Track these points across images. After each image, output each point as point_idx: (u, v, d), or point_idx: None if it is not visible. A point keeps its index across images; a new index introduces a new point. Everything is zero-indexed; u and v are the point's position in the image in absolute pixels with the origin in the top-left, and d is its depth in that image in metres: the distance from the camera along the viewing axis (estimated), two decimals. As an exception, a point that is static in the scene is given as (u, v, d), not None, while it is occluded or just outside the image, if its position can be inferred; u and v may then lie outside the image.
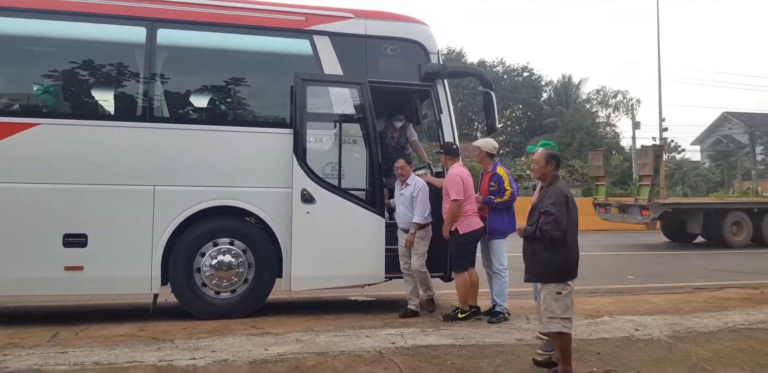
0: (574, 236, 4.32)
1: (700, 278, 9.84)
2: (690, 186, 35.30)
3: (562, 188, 4.37)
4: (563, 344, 4.30)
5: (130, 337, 5.33)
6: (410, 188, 6.29)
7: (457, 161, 6.36)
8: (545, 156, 4.51)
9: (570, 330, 4.30)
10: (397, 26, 6.93)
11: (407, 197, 6.28)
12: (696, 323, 6.01)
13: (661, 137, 29.81)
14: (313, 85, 6.47)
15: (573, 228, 4.30)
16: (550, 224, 4.20)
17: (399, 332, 5.54)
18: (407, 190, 6.30)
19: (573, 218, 4.30)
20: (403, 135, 7.56)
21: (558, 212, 4.21)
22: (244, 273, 6.25)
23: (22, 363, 4.45)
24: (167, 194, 6.06)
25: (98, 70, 6.28)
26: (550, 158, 4.49)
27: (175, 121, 6.38)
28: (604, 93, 45.17)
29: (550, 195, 4.32)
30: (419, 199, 6.20)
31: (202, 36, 6.56)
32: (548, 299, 4.28)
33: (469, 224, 6.05)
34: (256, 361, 4.56)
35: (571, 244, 4.30)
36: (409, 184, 6.32)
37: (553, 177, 4.48)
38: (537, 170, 4.56)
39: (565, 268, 4.28)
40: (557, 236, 4.19)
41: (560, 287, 4.24)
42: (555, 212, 4.21)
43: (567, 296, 4.26)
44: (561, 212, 4.22)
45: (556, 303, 4.25)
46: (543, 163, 4.49)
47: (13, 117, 5.95)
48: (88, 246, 5.85)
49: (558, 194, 4.30)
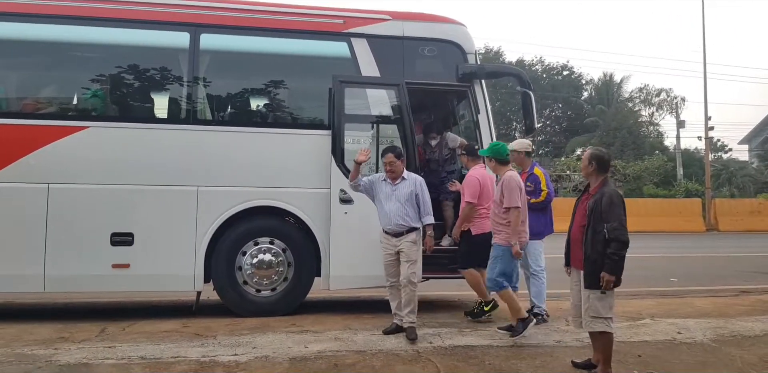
0: None
1: (747, 281, 9.58)
2: (737, 187, 34.26)
3: (615, 189, 4.39)
4: (606, 343, 4.30)
5: (174, 333, 5.49)
6: (408, 183, 5.52)
7: (479, 163, 6.25)
8: (587, 156, 4.53)
9: (612, 330, 4.28)
10: (434, 27, 6.95)
11: (404, 194, 5.47)
12: (741, 327, 5.87)
13: (707, 137, 28.98)
14: (351, 87, 6.55)
15: None
16: (618, 229, 4.19)
17: (436, 331, 5.56)
18: (404, 186, 5.51)
19: None
20: (444, 147, 7.32)
21: (618, 214, 4.22)
22: (283, 272, 6.36)
23: (72, 357, 4.64)
24: (210, 195, 6.22)
25: (144, 75, 6.47)
26: (591, 158, 4.48)
27: (217, 123, 6.55)
28: (647, 91, 44.16)
29: (609, 196, 4.28)
30: (423, 195, 5.56)
31: (243, 40, 6.71)
32: (592, 298, 4.27)
33: (483, 226, 5.96)
34: (296, 358, 4.65)
35: None
36: (406, 178, 5.54)
37: (601, 178, 4.46)
38: (582, 170, 4.63)
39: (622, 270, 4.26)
40: (624, 239, 4.19)
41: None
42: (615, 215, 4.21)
43: (610, 295, 4.27)
44: (620, 214, 4.23)
45: (601, 303, 4.25)
46: (585, 163, 4.52)
47: (64, 120, 6.19)
48: (134, 245, 6.04)
49: (613, 195, 4.29)
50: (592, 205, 4.34)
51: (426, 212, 5.53)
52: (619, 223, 4.20)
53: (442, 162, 7.31)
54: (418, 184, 5.54)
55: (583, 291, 4.37)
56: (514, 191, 5.35)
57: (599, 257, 4.22)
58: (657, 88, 43.79)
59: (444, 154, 7.29)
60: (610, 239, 4.19)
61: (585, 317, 4.33)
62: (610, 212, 4.22)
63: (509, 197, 5.33)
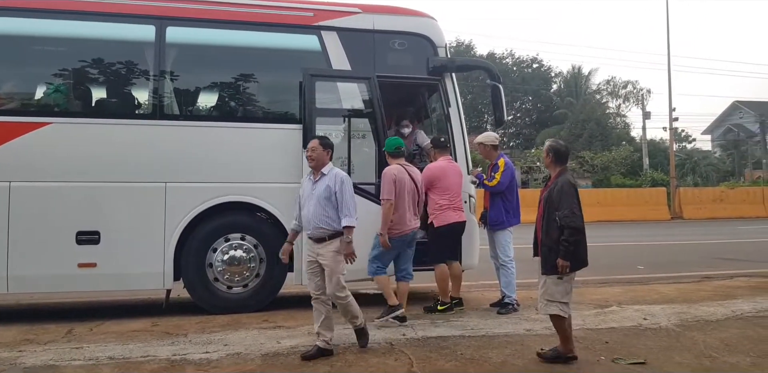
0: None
1: (710, 267, 9.84)
2: (701, 176, 35.09)
3: (569, 178, 4.51)
4: (561, 326, 4.43)
5: (144, 332, 5.43)
6: (326, 178, 4.77)
7: (444, 155, 6.30)
8: (545, 148, 4.71)
9: (566, 314, 4.40)
10: (405, 20, 6.94)
11: (321, 193, 4.71)
12: (704, 312, 6.04)
13: (671, 127, 29.57)
14: (322, 81, 6.52)
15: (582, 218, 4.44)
16: (569, 216, 4.31)
17: (409, 323, 5.60)
18: (321, 183, 4.75)
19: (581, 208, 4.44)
20: (413, 143, 7.34)
21: (570, 202, 4.35)
22: (255, 268, 6.32)
23: (38, 359, 4.55)
24: (178, 191, 6.14)
25: (108, 69, 6.35)
26: (548, 150, 4.67)
27: (185, 118, 6.45)
28: (614, 83, 44.85)
29: (561, 185, 4.43)
30: (343, 193, 4.73)
31: (210, 33, 6.61)
32: (549, 282, 4.41)
33: (444, 218, 6.04)
34: (269, 354, 4.64)
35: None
36: (325, 174, 4.79)
37: (558, 169, 4.59)
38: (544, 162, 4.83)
39: (582, 258, 4.41)
40: (576, 226, 4.31)
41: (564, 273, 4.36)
42: (567, 203, 4.35)
43: (567, 281, 4.41)
44: (573, 202, 4.36)
45: (557, 287, 4.40)
46: (544, 155, 4.74)
47: (25, 116, 6.03)
48: (101, 243, 5.94)
49: (565, 184, 4.43)
50: (547, 195, 4.52)
51: (345, 212, 4.69)
52: (569, 210, 4.33)
53: (410, 156, 7.27)
54: (338, 179, 4.75)
55: (540, 277, 4.50)
56: (387, 185, 5.68)
57: (554, 245, 4.36)
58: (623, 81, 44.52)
59: (411, 149, 7.29)
60: (562, 226, 4.33)
61: (540, 300, 4.47)
62: (561, 200, 4.38)
63: (382, 189, 5.72)
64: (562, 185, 4.43)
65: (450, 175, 6.17)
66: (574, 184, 4.51)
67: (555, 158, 4.63)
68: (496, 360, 4.46)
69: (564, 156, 4.66)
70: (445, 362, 4.40)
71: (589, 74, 45.40)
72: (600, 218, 19.91)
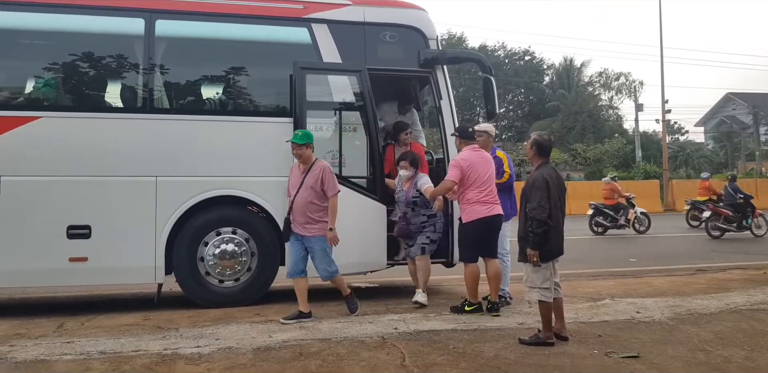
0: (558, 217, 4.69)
1: (703, 260, 9.89)
2: (693, 168, 35.25)
3: (544, 172, 4.72)
4: (543, 311, 4.67)
5: (135, 326, 5.39)
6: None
7: (470, 145, 5.90)
8: (529, 141, 4.91)
9: (548, 299, 4.66)
10: (395, 13, 6.89)
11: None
12: (697, 305, 6.05)
13: (664, 119, 29.63)
14: (312, 74, 6.46)
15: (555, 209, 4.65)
16: (536, 209, 4.57)
17: (401, 317, 5.59)
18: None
19: (554, 200, 4.65)
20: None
21: (539, 196, 4.58)
22: (247, 262, 6.30)
23: (28, 354, 4.51)
24: (169, 185, 6.09)
25: (98, 62, 6.28)
26: (532, 144, 4.87)
27: (176, 111, 6.40)
28: (607, 75, 44.94)
29: (533, 180, 4.68)
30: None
31: (200, 26, 6.54)
32: (528, 270, 4.71)
33: (472, 213, 5.68)
34: (260, 348, 4.62)
35: (555, 224, 4.65)
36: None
37: (539, 162, 4.83)
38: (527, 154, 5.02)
39: (549, 248, 4.64)
40: (541, 218, 4.54)
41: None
42: (537, 197, 4.58)
43: (546, 268, 4.67)
44: (542, 196, 4.57)
45: (535, 274, 4.68)
46: (527, 147, 4.93)
47: (14, 111, 5.97)
48: (92, 237, 5.89)
49: (538, 179, 4.67)
50: (524, 187, 4.78)
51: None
52: (537, 203, 4.58)
53: None
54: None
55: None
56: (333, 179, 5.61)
57: (525, 235, 4.66)
58: (616, 73, 44.62)
59: None
60: (529, 218, 4.62)
61: (524, 287, 4.78)
62: (531, 193, 4.64)
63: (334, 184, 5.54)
64: (534, 179, 4.69)
65: (477, 166, 5.71)
66: (546, 179, 4.66)
67: (537, 152, 4.83)
68: (488, 354, 4.45)
69: (546, 150, 4.86)
70: (437, 356, 4.39)
71: (581, 66, 45.48)
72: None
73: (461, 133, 5.99)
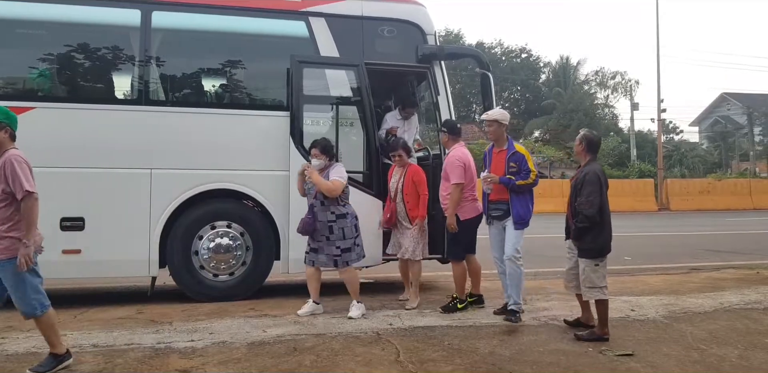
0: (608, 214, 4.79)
1: (697, 259, 9.90)
2: (688, 167, 35.34)
3: (596, 168, 4.83)
4: (602, 309, 4.78)
5: (129, 320, 5.36)
6: None
7: (459, 142, 5.89)
8: (579, 137, 5.03)
9: (607, 297, 4.80)
10: (394, 7, 6.85)
11: None
12: (692, 304, 6.06)
13: (659, 118, 29.67)
14: (310, 67, 6.43)
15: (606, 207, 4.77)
16: (584, 204, 4.69)
17: (396, 313, 5.58)
18: None
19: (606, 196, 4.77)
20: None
21: (590, 191, 4.68)
22: (242, 256, 6.27)
23: (20, 346, 4.49)
24: (164, 178, 6.05)
25: (94, 54, 6.22)
26: (582, 139, 4.98)
27: (171, 104, 6.35)
28: (603, 74, 44.90)
29: (585, 174, 4.78)
30: None
31: (197, 18, 6.49)
32: (587, 271, 4.77)
33: (470, 210, 5.66)
34: (254, 343, 4.60)
35: (607, 221, 4.77)
36: None
37: (588, 158, 4.94)
38: (575, 150, 5.10)
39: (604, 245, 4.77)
40: (590, 214, 4.65)
41: (597, 259, 4.77)
42: (587, 192, 4.69)
43: (603, 267, 4.80)
44: (593, 191, 4.68)
45: (595, 274, 4.76)
46: (576, 143, 5.04)
47: (8, 101, 5.88)
48: (86, 230, 5.86)
49: (590, 173, 4.75)
50: (575, 182, 4.88)
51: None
52: (585, 198, 4.69)
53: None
54: None
55: (579, 262, 4.84)
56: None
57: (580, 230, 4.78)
58: (612, 71, 44.57)
59: None
60: (577, 212, 4.74)
61: (583, 288, 4.82)
62: (583, 188, 4.74)
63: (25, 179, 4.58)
64: (586, 174, 4.78)
65: (473, 164, 5.70)
66: (599, 174, 4.76)
67: (587, 147, 4.94)
68: (483, 350, 4.44)
69: (595, 146, 4.98)
70: (432, 352, 4.38)
71: (577, 65, 45.46)
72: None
73: (449, 129, 5.94)
